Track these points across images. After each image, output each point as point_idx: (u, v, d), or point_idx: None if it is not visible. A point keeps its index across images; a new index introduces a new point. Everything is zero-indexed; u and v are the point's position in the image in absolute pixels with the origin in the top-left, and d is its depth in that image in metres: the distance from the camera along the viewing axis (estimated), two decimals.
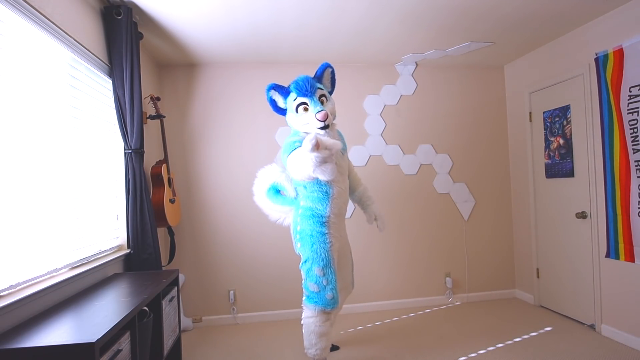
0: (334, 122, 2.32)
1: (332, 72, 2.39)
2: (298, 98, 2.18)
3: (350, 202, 2.55)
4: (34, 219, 1.68)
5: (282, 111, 2.34)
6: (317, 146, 1.91)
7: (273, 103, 2.31)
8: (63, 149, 1.92)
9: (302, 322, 2.30)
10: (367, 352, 2.70)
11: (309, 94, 2.17)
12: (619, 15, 2.65)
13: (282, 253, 3.52)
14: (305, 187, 2.27)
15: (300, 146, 2.10)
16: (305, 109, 2.18)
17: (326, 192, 2.22)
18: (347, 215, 3.51)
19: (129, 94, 2.36)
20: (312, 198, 2.26)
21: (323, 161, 1.92)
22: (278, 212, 2.50)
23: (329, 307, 2.22)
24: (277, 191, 2.48)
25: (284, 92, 2.26)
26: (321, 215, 2.24)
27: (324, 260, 2.22)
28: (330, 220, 2.26)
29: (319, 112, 2.12)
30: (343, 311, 3.11)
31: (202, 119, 3.49)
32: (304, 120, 2.19)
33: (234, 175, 3.51)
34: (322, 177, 1.98)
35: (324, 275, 2.22)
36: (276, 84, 2.27)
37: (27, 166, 1.66)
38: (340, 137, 2.39)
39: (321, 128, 2.17)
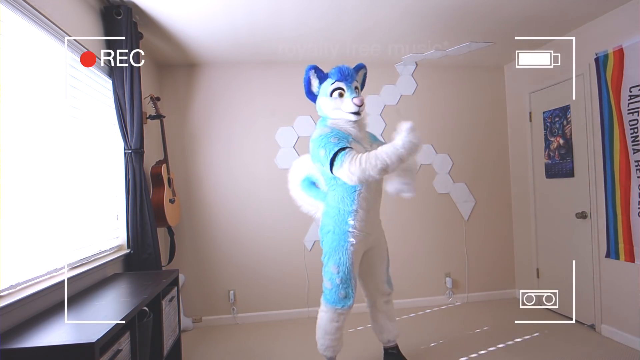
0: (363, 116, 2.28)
1: (365, 74, 2.42)
2: (336, 82, 2.18)
3: None
4: (34, 219, 1.68)
5: (312, 96, 2.31)
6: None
7: (308, 84, 2.28)
8: (63, 149, 1.92)
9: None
10: (367, 352, 2.70)
11: (348, 81, 2.18)
12: (619, 15, 2.65)
13: (282, 253, 3.52)
14: (335, 178, 2.16)
15: (335, 139, 2.04)
16: (341, 95, 2.17)
17: (353, 187, 2.14)
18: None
19: (129, 94, 2.36)
20: (339, 193, 2.19)
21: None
22: (310, 205, 2.44)
23: (339, 305, 2.18)
24: (311, 183, 2.45)
25: (322, 76, 2.24)
26: (347, 212, 2.16)
27: (341, 258, 2.16)
28: (356, 217, 2.17)
29: (355, 97, 2.13)
30: None
31: (202, 119, 3.49)
32: (337, 105, 2.17)
33: (234, 176, 3.51)
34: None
35: (338, 273, 2.16)
36: (316, 66, 2.25)
37: (28, 166, 1.67)
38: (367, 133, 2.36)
39: (353, 113, 2.16)
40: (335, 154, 2.00)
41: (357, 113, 2.16)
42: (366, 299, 2.51)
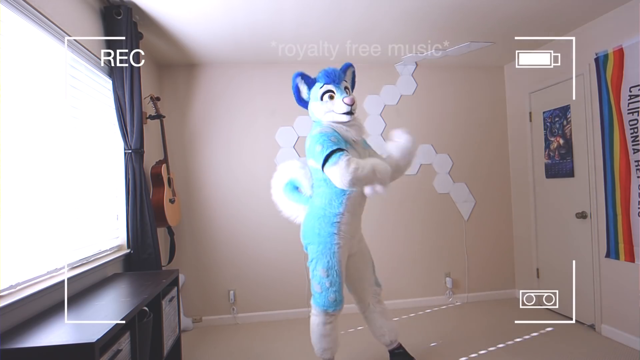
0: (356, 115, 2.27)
1: (354, 72, 2.40)
2: (325, 86, 2.17)
3: None
4: (34, 219, 1.68)
5: (303, 103, 2.30)
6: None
7: (297, 92, 2.28)
8: (63, 149, 1.92)
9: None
10: (367, 352, 2.70)
11: (336, 82, 2.17)
12: (619, 15, 2.65)
13: (282, 253, 3.52)
14: (325, 180, 2.15)
15: (334, 139, 2.05)
16: (331, 97, 2.16)
17: (343, 190, 2.13)
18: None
19: (129, 94, 2.36)
20: (327, 195, 2.18)
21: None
22: (291, 209, 2.43)
23: (330, 309, 2.19)
24: (294, 187, 2.44)
25: (310, 82, 2.24)
26: (333, 215, 2.16)
27: (329, 262, 2.16)
28: (342, 220, 2.18)
29: (346, 96, 2.13)
30: (344, 310, 3.10)
31: (202, 119, 3.49)
32: (328, 108, 2.16)
33: (234, 175, 3.51)
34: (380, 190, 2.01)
35: (328, 276, 2.16)
36: (303, 73, 2.24)
37: (28, 166, 1.66)
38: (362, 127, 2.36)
39: (346, 114, 2.14)
40: (332, 152, 2.00)
41: (349, 113, 2.14)
42: (357, 305, 2.47)
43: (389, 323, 2.44)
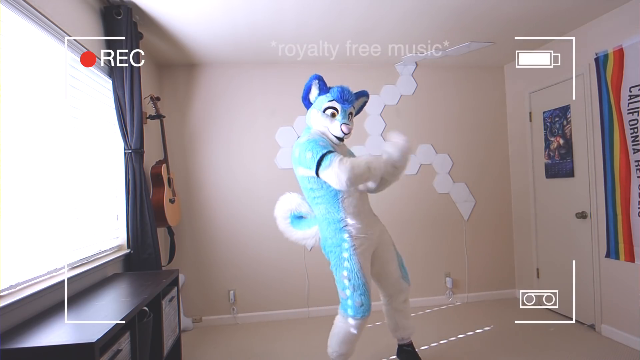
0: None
1: (365, 102, 2.42)
2: (333, 101, 2.17)
3: None
4: (34, 219, 1.68)
5: (307, 102, 2.30)
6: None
7: (307, 91, 2.27)
8: (63, 149, 1.92)
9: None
10: (367, 352, 2.70)
11: (344, 104, 2.18)
12: (619, 15, 2.65)
13: (282, 253, 3.52)
14: (312, 189, 2.17)
15: (323, 143, 2.07)
16: (333, 115, 2.17)
17: (334, 194, 2.14)
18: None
19: (129, 94, 2.36)
20: (324, 205, 2.18)
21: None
22: (312, 238, 2.35)
23: (358, 315, 2.12)
24: (298, 218, 2.42)
25: (323, 89, 2.23)
26: (338, 220, 2.15)
27: (349, 265, 2.12)
28: (348, 223, 2.16)
29: (345, 124, 2.15)
30: None
31: (202, 119, 3.49)
32: (325, 124, 2.18)
33: (234, 175, 3.51)
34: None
35: (350, 280, 2.12)
36: (322, 78, 2.23)
37: (28, 166, 1.67)
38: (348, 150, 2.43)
39: (337, 138, 2.19)
40: (324, 156, 2.01)
41: (341, 139, 2.20)
42: (383, 298, 2.45)
43: (406, 321, 2.43)
